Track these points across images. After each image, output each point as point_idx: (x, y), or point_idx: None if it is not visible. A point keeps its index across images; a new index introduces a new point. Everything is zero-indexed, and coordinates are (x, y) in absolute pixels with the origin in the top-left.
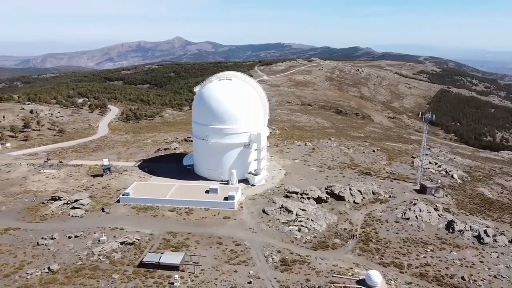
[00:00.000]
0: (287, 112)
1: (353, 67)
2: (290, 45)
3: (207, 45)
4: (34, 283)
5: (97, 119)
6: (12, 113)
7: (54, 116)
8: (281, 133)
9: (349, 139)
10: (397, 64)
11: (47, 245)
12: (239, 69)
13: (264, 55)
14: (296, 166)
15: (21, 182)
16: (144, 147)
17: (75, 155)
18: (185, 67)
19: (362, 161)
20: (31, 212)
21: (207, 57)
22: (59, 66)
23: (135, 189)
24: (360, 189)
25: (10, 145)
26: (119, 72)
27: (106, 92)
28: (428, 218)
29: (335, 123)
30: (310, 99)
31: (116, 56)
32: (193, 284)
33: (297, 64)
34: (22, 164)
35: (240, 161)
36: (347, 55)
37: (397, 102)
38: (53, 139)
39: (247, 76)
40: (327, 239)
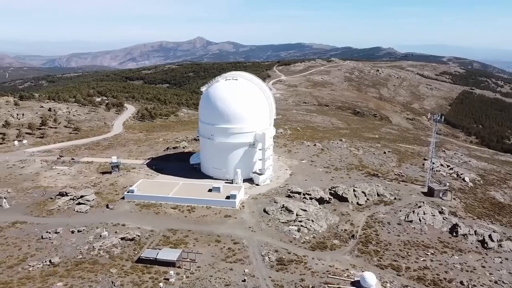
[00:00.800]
0: (302, 112)
1: (373, 67)
2: (311, 45)
3: (228, 45)
4: (35, 275)
5: (113, 118)
6: (31, 111)
7: (72, 115)
8: (293, 133)
9: (362, 140)
10: (419, 65)
11: (50, 238)
12: (257, 69)
13: (284, 55)
14: (303, 166)
15: (33, 178)
16: (155, 146)
17: (88, 152)
18: (204, 67)
19: (371, 162)
20: (39, 206)
21: (228, 57)
22: (83, 65)
23: (140, 186)
24: (364, 191)
25: (27, 142)
26: (139, 71)
27: (124, 91)
28: (431, 221)
29: (350, 124)
30: (327, 99)
31: (139, 56)
32: (188, 281)
33: (316, 65)
34: (36, 160)
35: (245, 161)
36: (368, 55)
37: (417, 104)
38: (68, 136)
39: (253, 76)
40: (326, 239)
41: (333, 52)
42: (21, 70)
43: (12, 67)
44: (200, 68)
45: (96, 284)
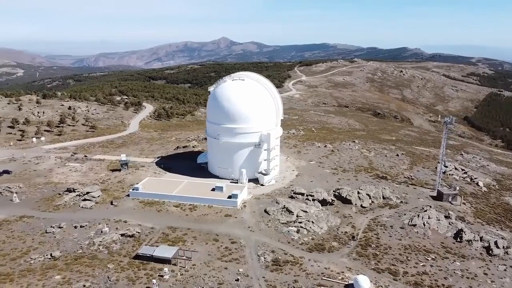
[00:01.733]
0: (320, 113)
1: (396, 68)
2: (335, 45)
3: (252, 46)
4: (36, 268)
5: (131, 117)
6: (52, 109)
7: (90, 113)
8: (305, 134)
9: (377, 142)
10: (445, 66)
11: (54, 233)
12: (278, 69)
13: (308, 55)
14: (310, 167)
15: (46, 174)
16: (166, 145)
17: (101, 150)
18: (226, 67)
19: (381, 164)
20: (46, 202)
21: (252, 57)
22: (110, 65)
23: (145, 184)
24: (369, 193)
25: (44, 139)
26: (163, 71)
27: (145, 90)
28: (436, 225)
29: (368, 126)
30: (347, 100)
31: (164, 56)
32: (182, 278)
33: (338, 65)
34: (51, 157)
35: (250, 161)
36: (394, 56)
37: (441, 105)
38: (84, 134)
39: (261, 76)
40: (325, 241)
41: (358, 53)
42: (51, 69)
43: (42, 66)
44: (222, 68)
45: (93, 279)
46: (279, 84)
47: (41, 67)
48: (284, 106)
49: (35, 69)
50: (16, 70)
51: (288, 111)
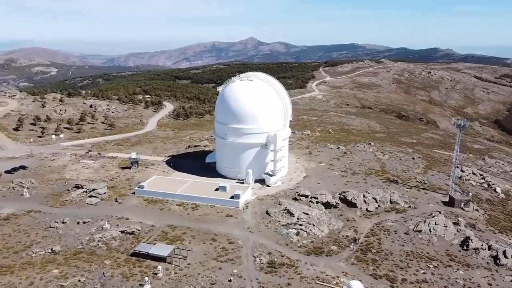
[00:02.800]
0: (341, 114)
1: (424, 69)
2: (364, 45)
3: (279, 46)
4: (36, 261)
5: (150, 116)
6: (74, 107)
7: (110, 111)
8: (321, 135)
9: (395, 145)
10: (477, 67)
11: (57, 228)
12: (303, 69)
13: (336, 55)
14: (319, 169)
15: (59, 170)
16: (179, 144)
17: (116, 148)
18: (250, 67)
19: (394, 168)
20: (55, 197)
21: (279, 57)
22: (139, 64)
23: (151, 182)
24: (376, 197)
25: (63, 136)
26: (188, 71)
27: (168, 90)
28: (442, 232)
29: (389, 128)
30: (371, 102)
31: (192, 56)
32: (176, 277)
33: (364, 66)
34: (67, 154)
35: (257, 161)
36: (424, 57)
37: (471, 108)
38: (102, 132)
39: (270, 77)
40: (324, 245)
41: (387, 53)
42: (83, 69)
43: (75, 65)
44: (246, 68)
45: (88, 274)
46: (302, 85)
47: (73, 66)
48: (305, 107)
49: (67, 68)
50: (50, 69)
51: (308, 112)
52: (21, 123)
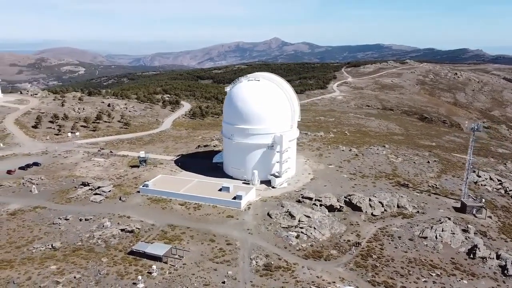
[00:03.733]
0: (360, 116)
1: (451, 70)
2: (390, 46)
3: (303, 46)
4: (36, 257)
5: (166, 115)
6: (92, 106)
7: (128, 110)
8: (335, 136)
9: (412, 148)
10: (507, 69)
11: (60, 224)
12: (325, 70)
13: (361, 56)
14: (328, 171)
15: (71, 167)
16: (190, 143)
17: (128, 146)
18: (272, 67)
19: (406, 171)
20: (61, 194)
21: (303, 58)
22: (164, 64)
23: (156, 181)
24: (382, 201)
25: (79, 134)
26: (210, 71)
27: (188, 89)
28: (449, 239)
29: (408, 130)
30: (393, 103)
31: (216, 56)
32: (170, 276)
33: (388, 67)
34: (80, 151)
35: (263, 162)
36: (452, 57)
37: (498, 111)
38: (118, 130)
39: (278, 77)
40: (324, 249)
41: (414, 54)
42: (109, 68)
43: (102, 65)
44: (268, 68)
45: (84, 271)
46: (323, 86)
47: (100, 65)
48: (324, 108)
49: (95, 67)
50: (78, 69)
51: (326, 113)
52: (39, 121)
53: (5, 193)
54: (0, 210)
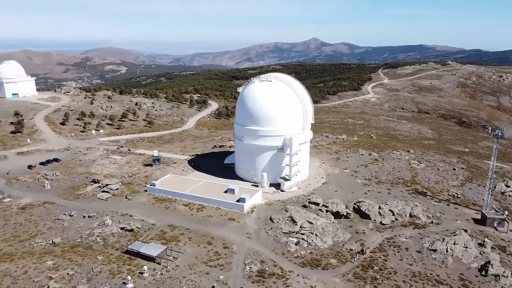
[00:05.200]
0: (392, 119)
1: (495, 73)
2: (433, 47)
3: (342, 47)
4: (35, 252)
5: (192, 114)
6: (120, 104)
7: (154, 109)
8: (358, 140)
9: (440, 153)
10: None
11: (63, 220)
12: (361, 71)
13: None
14: (342, 176)
15: (88, 164)
16: (209, 143)
17: (147, 145)
18: (307, 68)
19: (426, 178)
20: (72, 190)
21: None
22: (203, 64)
23: (164, 181)
24: (393, 209)
25: (103, 131)
26: (245, 71)
27: (218, 89)
28: (461, 253)
29: (442, 135)
30: (430, 106)
31: (254, 56)
32: (160, 278)
33: (427, 68)
34: (100, 149)
35: (272, 165)
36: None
37: None
38: (141, 129)
39: (291, 78)
40: (323, 257)
41: (459, 55)
42: (150, 68)
43: (143, 64)
44: (302, 69)
45: (78, 268)
46: (357, 87)
47: (142, 65)
48: (356, 110)
49: (136, 67)
50: (120, 68)
51: (356, 115)
52: (66, 118)
53: (20, 187)
54: (12, 204)
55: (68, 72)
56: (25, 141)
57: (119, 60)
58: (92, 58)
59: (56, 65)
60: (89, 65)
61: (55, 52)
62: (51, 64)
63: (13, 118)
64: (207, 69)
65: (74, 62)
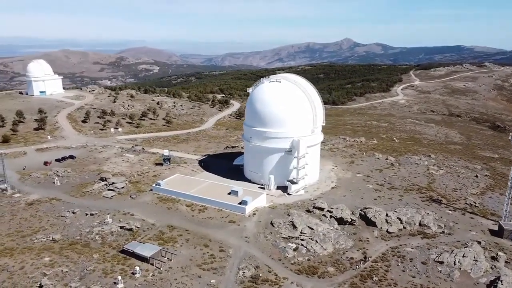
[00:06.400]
0: (419, 122)
1: None
2: (472, 48)
3: (376, 47)
4: (35, 247)
5: (213, 114)
6: (142, 103)
7: (175, 109)
8: (378, 143)
9: (465, 159)
10: None
11: (66, 217)
12: (392, 72)
13: (438, 58)
14: (353, 180)
15: (101, 162)
16: (223, 143)
17: (162, 144)
18: (336, 69)
19: (443, 185)
20: (79, 188)
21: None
22: (234, 64)
23: (170, 181)
24: (401, 217)
25: (121, 130)
26: (274, 71)
27: (243, 90)
28: (470, 267)
29: (471, 139)
30: (462, 109)
31: (285, 56)
32: (151, 279)
33: (462, 70)
34: (115, 147)
35: (280, 167)
36: None
37: None
38: (159, 128)
39: (302, 79)
40: (321, 265)
41: (499, 56)
42: (182, 67)
43: (175, 64)
44: (332, 69)
45: (73, 265)
46: (386, 88)
47: (174, 65)
48: (382, 112)
49: (168, 66)
50: (153, 67)
51: (381, 117)
52: (88, 116)
53: (31, 183)
54: (21, 199)
55: (103, 71)
56: (46, 138)
57: (152, 60)
58: (126, 58)
59: (92, 64)
60: (123, 64)
61: (92, 51)
62: (87, 63)
63: (37, 115)
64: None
65: (109, 61)
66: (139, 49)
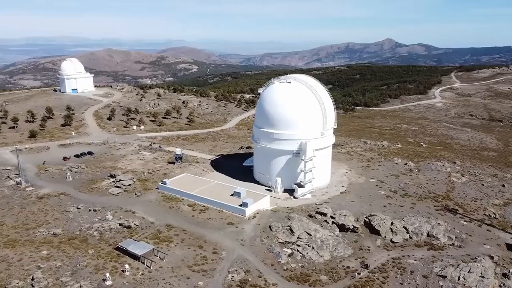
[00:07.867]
0: (454, 126)
1: None
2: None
3: (419, 48)
4: (36, 241)
5: (237, 114)
6: (168, 102)
7: (200, 108)
8: (402, 147)
9: (495, 166)
10: None
11: (70, 212)
12: (432, 74)
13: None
14: (365, 186)
15: (117, 159)
16: (240, 143)
17: (180, 142)
18: (373, 70)
19: (463, 194)
20: (89, 183)
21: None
22: (272, 64)
23: (176, 180)
24: (407, 226)
25: (143, 127)
26: (309, 71)
27: None
28: (475, 283)
29: (509, 146)
30: (504, 114)
31: (324, 57)
32: (140, 278)
33: (507, 72)
34: (134, 144)
35: (287, 170)
36: None
37: None
38: (181, 127)
39: (313, 80)
40: (314, 273)
41: None
42: (220, 67)
43: (213, 63)
44: (368, 70)
45: (67, 260)
46: (423, 91)
47: (212, 64)
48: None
49: (206, 66)
50: (191, 67)
51: (413, 121)
52: (113, 113)
53: (45, 178)
54: (32, 193)
55: (144, 70)
56: (70, 134)
57: (191, 59)
58: (166, 57)
59: (134, 63)
60: (163, 63)
61: (134, 51)
62: (129, 62)
63: (65, 112)
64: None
65: (150, 60)
66: (179, 48)
